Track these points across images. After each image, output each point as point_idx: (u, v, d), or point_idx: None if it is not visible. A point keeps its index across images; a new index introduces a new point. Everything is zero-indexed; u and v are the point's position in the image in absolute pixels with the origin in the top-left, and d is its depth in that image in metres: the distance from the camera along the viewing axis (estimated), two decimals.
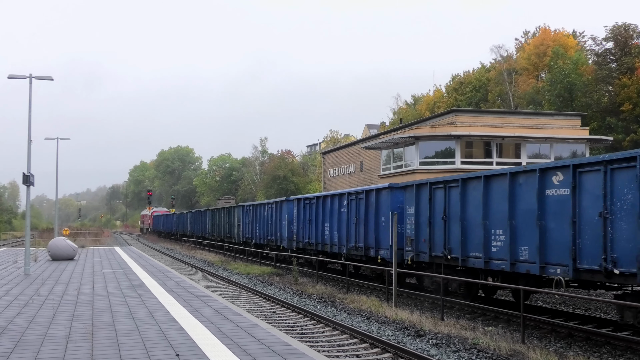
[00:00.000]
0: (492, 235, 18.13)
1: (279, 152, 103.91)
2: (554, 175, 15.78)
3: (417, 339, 15.52)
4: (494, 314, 18.67)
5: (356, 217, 27.22)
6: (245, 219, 46.95)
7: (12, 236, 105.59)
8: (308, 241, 33.22)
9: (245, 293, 25.68)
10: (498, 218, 17.88)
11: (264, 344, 11.04)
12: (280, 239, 38.23)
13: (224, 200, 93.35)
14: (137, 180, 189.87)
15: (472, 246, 19.08)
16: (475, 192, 19.04)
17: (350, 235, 27.77)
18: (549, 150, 41.05)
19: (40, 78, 27.41)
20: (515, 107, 65.40)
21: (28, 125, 27.24)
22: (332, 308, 21.14)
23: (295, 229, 35.44)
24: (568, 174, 15.28)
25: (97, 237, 78.53)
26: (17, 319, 13.95)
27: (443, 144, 40.34)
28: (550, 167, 16.26)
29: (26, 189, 27.21)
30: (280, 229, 38.24)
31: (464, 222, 19.47)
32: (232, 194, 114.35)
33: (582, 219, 14.82)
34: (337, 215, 29.41)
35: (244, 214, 47.12)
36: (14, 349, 10.69)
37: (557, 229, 15.61)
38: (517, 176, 17.32)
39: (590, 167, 14.85)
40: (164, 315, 14.37)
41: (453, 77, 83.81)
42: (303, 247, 34.31)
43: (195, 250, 60.02)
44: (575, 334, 15.66)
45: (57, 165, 51.74)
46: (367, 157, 54.59)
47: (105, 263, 31.70)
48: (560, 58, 59.67)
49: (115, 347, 10.74)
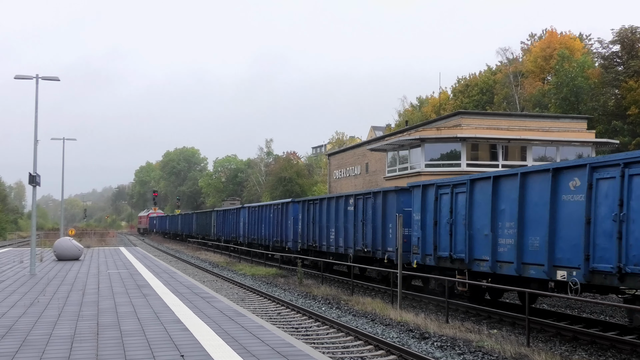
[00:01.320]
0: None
1: (284, 154, 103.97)
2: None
3: (422, 341, 15.51)
4: (499, 317, 18.64)
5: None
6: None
7: (18, 236, 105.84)
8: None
9: (250, 294, 25.70)
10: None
11: (268, 345, 11.05)
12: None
13: (229, 202, 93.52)
14: (142, 181, 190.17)
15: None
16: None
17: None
18: (555, 153, 40.96)
19: (47, 78, 27.45)
20: (521, 109, 65.27)
21: (34, 125, 27.32)
22: (337, 310, 21.14)
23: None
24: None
25: (103, 237, 78.59)
26: (23, 319, 13.98)
27: (449, 146, 40.28)
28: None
29: (32, 189, 27.28)
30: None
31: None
32: (238, 195, 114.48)
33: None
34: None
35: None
36: (19, 349, 10.72)
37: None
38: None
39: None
40: (169, 315, 14.39)
41: (459, 80, 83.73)
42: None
43: (200, 251, 60.09)
44: (580, 337, 15.62)
45: (63, 166, 51.99)
46: (373, 159, 54.54)
47: (110, 263, 31.75)
48: (566, 61, 59.54)
49: (121, 348, 10.75)
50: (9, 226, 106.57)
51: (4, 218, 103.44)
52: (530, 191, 16.94)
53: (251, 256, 44.89)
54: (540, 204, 16.35)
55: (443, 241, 20.92)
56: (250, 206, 48.00)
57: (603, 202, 14.49)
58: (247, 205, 49.53)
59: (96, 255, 39.17)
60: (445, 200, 20.93)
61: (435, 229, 21.28)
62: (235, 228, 52.34)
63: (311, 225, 33.55)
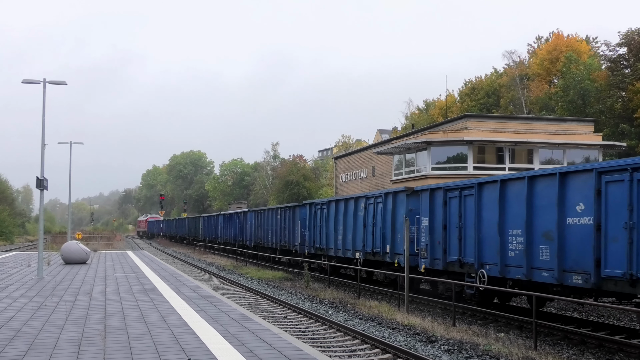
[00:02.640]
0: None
1: (290, 157, 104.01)
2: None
3: (429, 344, 15.48)
4: (506, 320, 18.59)
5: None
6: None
7: (25, 240, 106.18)
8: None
9: (256, 298, 25.70)
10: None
11: (275, 348, 11.05)
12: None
13: (235, 205, 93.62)
14: (149, 184, 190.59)
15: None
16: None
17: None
18: (561, 156, 40.90)
19: (54, 83, 27.50)
20: (528, 112, 65.18)
21: (42, 129, 27.39)
22: (343, 313, 21.13)
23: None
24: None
25: (110, 241, 78.72)
26: (30, 322, 14.02)
27: (455, 149, 40.25)
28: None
29: (40, 193, 27.35)
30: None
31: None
32: (244, 199, 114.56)
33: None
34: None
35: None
36: (27, 352, 10.75)
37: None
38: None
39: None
40: (176, 319, 14.40)
41: (466, 83, 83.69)
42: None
43: (207, 254, 60.15)
44: (588, 341, 15.57)
45: (70, 169, 52.10)
46: (379, 162, 54.55)
47: (117, 267, 31.80)
48: (573, 64, 59.44)
49: (128, 351, 10.77)
50: (16, 230, 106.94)
51: (12, 222, 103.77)
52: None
53: (258, 259, 44.94)
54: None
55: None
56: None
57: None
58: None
59: (103, 258, 39.24)
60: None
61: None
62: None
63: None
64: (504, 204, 18.28)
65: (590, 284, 15.00)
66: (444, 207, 21.30)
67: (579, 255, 15.35)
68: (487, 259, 18.97)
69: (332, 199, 32.66)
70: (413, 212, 23.54)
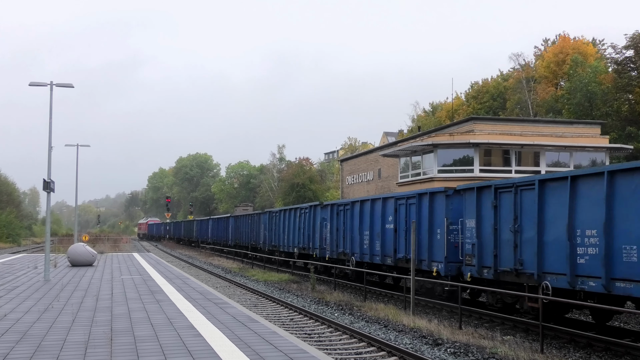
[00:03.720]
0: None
1: (297, 160, 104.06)
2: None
3: (435, 347, 15.47)
4: (513, 323, 18.56)
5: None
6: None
7: (32, 242, 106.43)
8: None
9: (262, 300, 25.72)
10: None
11: (281, 351, 11.05)
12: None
13: (242, 207, 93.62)
14: (155, 187, 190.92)
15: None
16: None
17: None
18: (568, 159, 40.82)
19: (61, 85, 27.59)
20: (534, 115, 65.08)
21: (49, 132, 27.47)
22: (349, 316, 21.13)
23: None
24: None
25: (116, 243, 78.89)
26: (37, 324, 14.05)
27: (461, 151, 40.20)
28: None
29: (46, 195, 27.44)
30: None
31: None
32: (250, 201, 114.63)
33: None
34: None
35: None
36: (33, 354, 10.78)
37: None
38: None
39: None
40: (182, 321, 14.42)
41: (472, 85, 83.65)
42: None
43: (213, 257, 60.18)
44: (594, 344, 15.53)
45: (77, 172, 52.22)
46: (385, 164, 54.52)
47: (124, 269, 31.85)
48: (579, 66, 59.32)
49: (134, 354, 10.79)
50: (23, 232, 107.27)
51: (18, 224, 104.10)
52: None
53: (272, 264, 42.99)
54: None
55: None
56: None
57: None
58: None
59: (109, 261, 39.32)
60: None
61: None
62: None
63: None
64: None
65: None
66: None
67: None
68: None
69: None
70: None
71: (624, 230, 14.49)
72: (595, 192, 15.34)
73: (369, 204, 28.06)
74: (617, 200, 14.76)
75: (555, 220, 16.65)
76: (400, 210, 25.13)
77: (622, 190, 14.69)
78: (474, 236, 20.04)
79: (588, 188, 15.68)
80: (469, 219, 20.47)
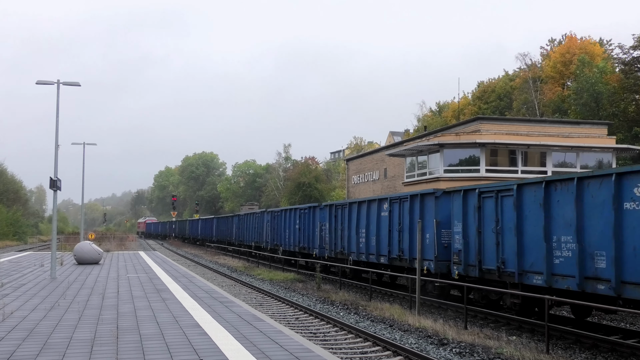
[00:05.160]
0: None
1: (302, 159, 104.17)
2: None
3: (440, 347, 15.47)
4: (518, 324, 18.53)
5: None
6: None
7: (38, 240, 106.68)
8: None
9: (268, 299, 25.74)
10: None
11: (287, 350, 11.07)
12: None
13: (247, 206, 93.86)
14: (161, 185, 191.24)
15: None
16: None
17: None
18: (575, 159, 40.73)
19: (68, 84, 27.61)
20: (541, 115, 64.96)
21: (55, 130, 27.51)
22: (355, 315, 21.13)
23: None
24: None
25: (122, 241, 79.06)
26: (44, 322, 14.10)
27: (468, 151, 40.15)
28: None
29: (53, 194, 27.50)
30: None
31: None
32: (256, 200, 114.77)
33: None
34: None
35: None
36: (40, 352, 10.81)
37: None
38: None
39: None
40: (188, 320, 14.45)
41: (479, 84, 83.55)
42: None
43: (219, 256, 60.27)
44: (600, 345, 15.50)
45: (83, 170, 52.35)
46: (391, 164, 54.50)
47: (129, 267, 31.92)
48: (586, 66, 59.19)
49: (140, 352, 10.82)
50: (29, 230, 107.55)
51: (25, 222, 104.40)
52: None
53: (275, 262, 44.33)
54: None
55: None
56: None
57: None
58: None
59: (115, 259, 39.40)
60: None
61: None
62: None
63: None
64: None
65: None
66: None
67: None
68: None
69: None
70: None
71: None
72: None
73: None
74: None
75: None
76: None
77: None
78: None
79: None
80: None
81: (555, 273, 16.39)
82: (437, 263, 22.17)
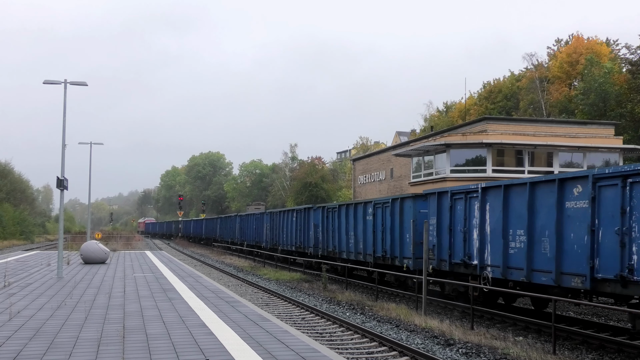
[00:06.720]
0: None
1: (309, 159, 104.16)
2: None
3: (447, 347, 15.44)
4: (525, 324, 18.50)
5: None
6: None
7: (45, 239, 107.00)
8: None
9: (274, 299, 25.74)
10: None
11: (293, 350, 11.06)
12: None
13: (253, 206, 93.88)
14: (168, 185, 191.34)
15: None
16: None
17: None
18: (581, 159, 40.61)
19: (75, 83, 27.67)
20: (548, 115, 64.81)
21: (62, 130, 27.60)
22: (361, 315, 21.12)
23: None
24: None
25: (129, 241, 79.12)
26: (50, 321, 14.13)
27: (474, 151, 40.09)
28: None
29: (60, 193, 27.57)
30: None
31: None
32: (263, 200, 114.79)
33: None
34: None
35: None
36: (47, 351, 10.84)
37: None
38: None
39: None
40: (194, 319, 14.46)
41: (484, 85, 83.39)
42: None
43: (225, 255, 60.34)
44: (607, 346, 15.46)
45: (90, 170, 52.36)
46: (398, 164, 54.46)
47: (136, 267, 31.98)
48: (593, 66, 59.01)
49: (146, 351, 10.83)
50: (36, 229, 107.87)
51: (32, 221, 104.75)
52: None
53: (275, 260, 45.30)
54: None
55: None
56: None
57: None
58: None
59: (122, 258, 39.48)
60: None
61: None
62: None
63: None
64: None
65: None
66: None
67: None
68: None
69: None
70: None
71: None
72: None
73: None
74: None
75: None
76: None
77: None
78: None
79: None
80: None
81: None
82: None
